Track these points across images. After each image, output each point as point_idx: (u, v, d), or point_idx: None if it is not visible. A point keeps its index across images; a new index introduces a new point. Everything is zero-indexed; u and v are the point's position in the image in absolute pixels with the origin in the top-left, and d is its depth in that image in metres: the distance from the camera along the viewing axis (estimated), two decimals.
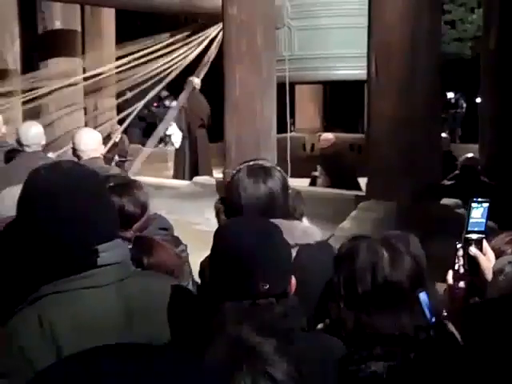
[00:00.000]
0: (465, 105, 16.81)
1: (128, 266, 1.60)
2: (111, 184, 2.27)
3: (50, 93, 8.50)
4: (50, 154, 4.96)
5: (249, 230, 1.58)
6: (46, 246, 1.47)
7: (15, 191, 2.68)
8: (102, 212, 1.53)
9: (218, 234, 1.61)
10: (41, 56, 9.45)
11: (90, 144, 4.27)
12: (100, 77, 9.33)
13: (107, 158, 7.80)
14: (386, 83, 6.28)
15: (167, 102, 14.43)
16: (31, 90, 8.66)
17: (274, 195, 2.12)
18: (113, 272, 1.51)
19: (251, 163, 2.18)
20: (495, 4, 8.60)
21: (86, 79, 9.18)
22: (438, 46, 6.55)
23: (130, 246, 1.74)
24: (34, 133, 4.62)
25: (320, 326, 1.87)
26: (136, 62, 9.18)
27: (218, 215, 2.17)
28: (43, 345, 1.42)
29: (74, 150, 4.29)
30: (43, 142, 4.70)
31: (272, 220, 2.06)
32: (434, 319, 1.70)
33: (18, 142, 4.64)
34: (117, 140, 10.12)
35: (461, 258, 1.78)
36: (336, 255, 1.85)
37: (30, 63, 10.19)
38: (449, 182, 6.86)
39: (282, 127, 7.98)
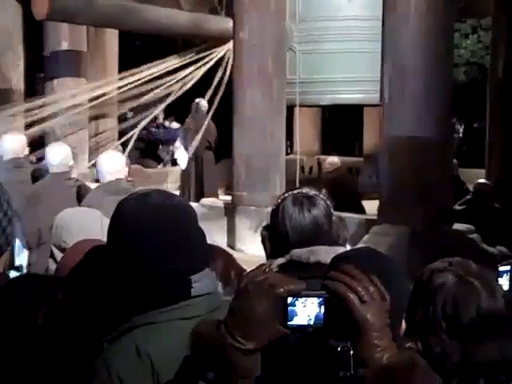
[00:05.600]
0: (461, 130, 16.89)
1: (218, 296, 1.59)
2: None
3: (55, 116, 8.40)
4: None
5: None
6: (139, 278, 1.46)
7: (77, 212, 2.71)
8: (194, 242, 1.52)
9: None
10: (46, 77, 9.38)
11: (114, 167, 4.28)
12: (103, 98, 9.26)
13: None
14: (400, 107, 6.30)
15: (167, 123, 14.41)
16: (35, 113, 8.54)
17: (319, 223, 2.16)
18: (205, 303, 1.50)
19: (296, 192, 2.22)
20: (503, 36, 8.77)
21: (90, 100, 9.11)
22: (450, 69, 6.60)
23: None
24: (61, 154, 4.63)
25: None
26: (139, 82, 9.13)
27: (263, 242, 2.22)
28: (142, 375, 1.41)
29: (98, 172, 4.30)
30: (71, 163, 4.70)
31: (317, 247, 2.11)
32: None
33: (46, 162, 4.65)
34: None
35: None
36: (419, 287, 1.81)
37: (32, 84, 10.14)
38: (460, 207, 6.86)
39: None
